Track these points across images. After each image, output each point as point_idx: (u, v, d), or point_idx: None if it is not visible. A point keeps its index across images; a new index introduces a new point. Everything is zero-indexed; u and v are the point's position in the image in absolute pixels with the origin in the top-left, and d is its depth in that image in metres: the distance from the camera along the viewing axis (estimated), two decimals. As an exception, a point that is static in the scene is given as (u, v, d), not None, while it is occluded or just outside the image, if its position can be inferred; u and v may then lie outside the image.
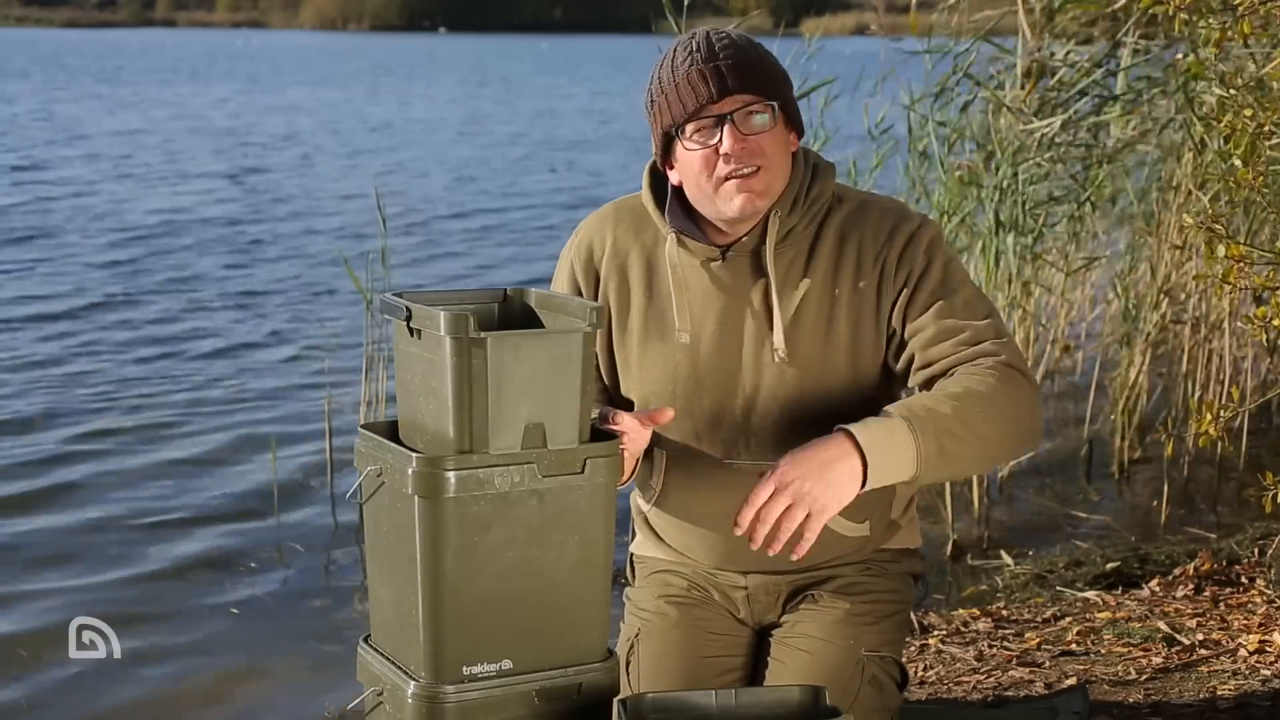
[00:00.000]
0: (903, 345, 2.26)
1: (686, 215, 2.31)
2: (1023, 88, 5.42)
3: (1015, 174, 5.18)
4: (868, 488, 2.08)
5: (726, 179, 2.21)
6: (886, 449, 2.07)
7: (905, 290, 2.25)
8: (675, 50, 2.24)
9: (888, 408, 2.13)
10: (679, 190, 2.31)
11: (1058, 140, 5.47)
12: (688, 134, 2.22)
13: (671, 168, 2.29)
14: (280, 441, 6.01)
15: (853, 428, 2.08)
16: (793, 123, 2.27)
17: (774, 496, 2.04)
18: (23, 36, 69.63)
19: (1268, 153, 2.94)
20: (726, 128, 2.19)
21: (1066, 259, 5.99)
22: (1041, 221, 5.38)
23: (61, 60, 42.74)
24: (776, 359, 2.27)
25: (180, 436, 6.26)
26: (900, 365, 2.27)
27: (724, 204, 2.23)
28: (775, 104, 2.21)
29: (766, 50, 2.26)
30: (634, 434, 2.22)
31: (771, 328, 2.27)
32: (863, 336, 2.27)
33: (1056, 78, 5.46)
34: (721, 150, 2.20)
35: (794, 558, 2.07)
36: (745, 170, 2.20)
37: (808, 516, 2.04)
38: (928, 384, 2.23)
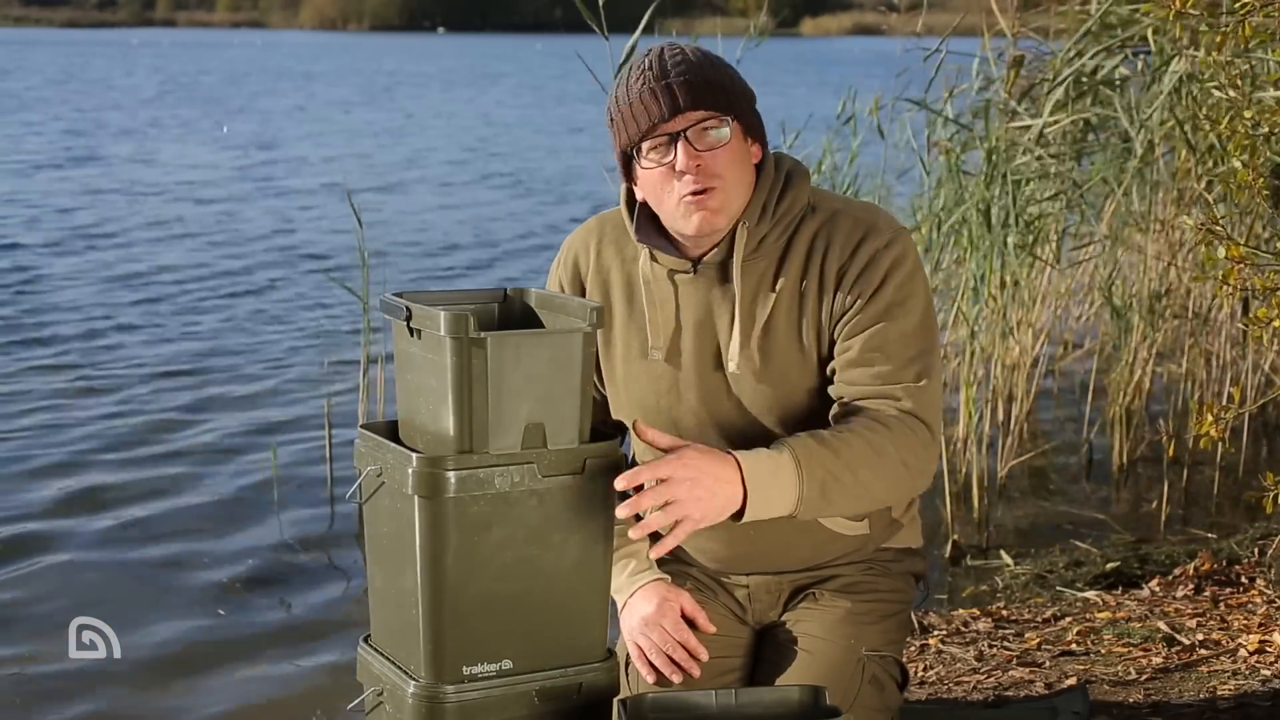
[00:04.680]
0: (832, 356, 2.27)
1: (658, 229, 2.31)
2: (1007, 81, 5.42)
3: (1005, 173, 5.16)
4: (742, 520, 2.10)
5: (683, 197, 2.21)
6: (769, 487, 2.09)
7: (854, 305, 2.24)
8: (631, 69, 2.25)
9: (787, 440, 2.14)
10: (648, 205, 2.31)
11: (1048, 136, 5.46)
12: (644, 152, 2.22)
13: (636, 184, 2.30)
14: (280, 442, 6.02)
15: (744, 462, 2.08)
16: (753, 134, 2.26)
17: (661, 487, 2.04)
18: (23, 36, 69.59)
19: (1267, 154, 2.95)
20: (680, 145, 2.19)
21: (1057, 256, 5.98)
22: (1036, 217, 5.36)
23: (130, 65, 42.13)
24: (730, 369, 2.27)
25: (180, 437, 6.26)
26: (827, 373, 2.28)
27: (681, 221, 2.24)
28: (730, 118, 2.21)
29: (724, 64, 2.26)
30: None
31: (746, 338, 2.28)
32: (824, 342, 2.27)
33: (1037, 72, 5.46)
34: (676, 167, 2.20)
35: (651, 555, 2.12)
36: (699, 189, 2.20)
37: (676, 522, 2.05)
38: (836, 403, 2.25)
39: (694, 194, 2.20)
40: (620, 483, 2.04)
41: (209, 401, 6.88)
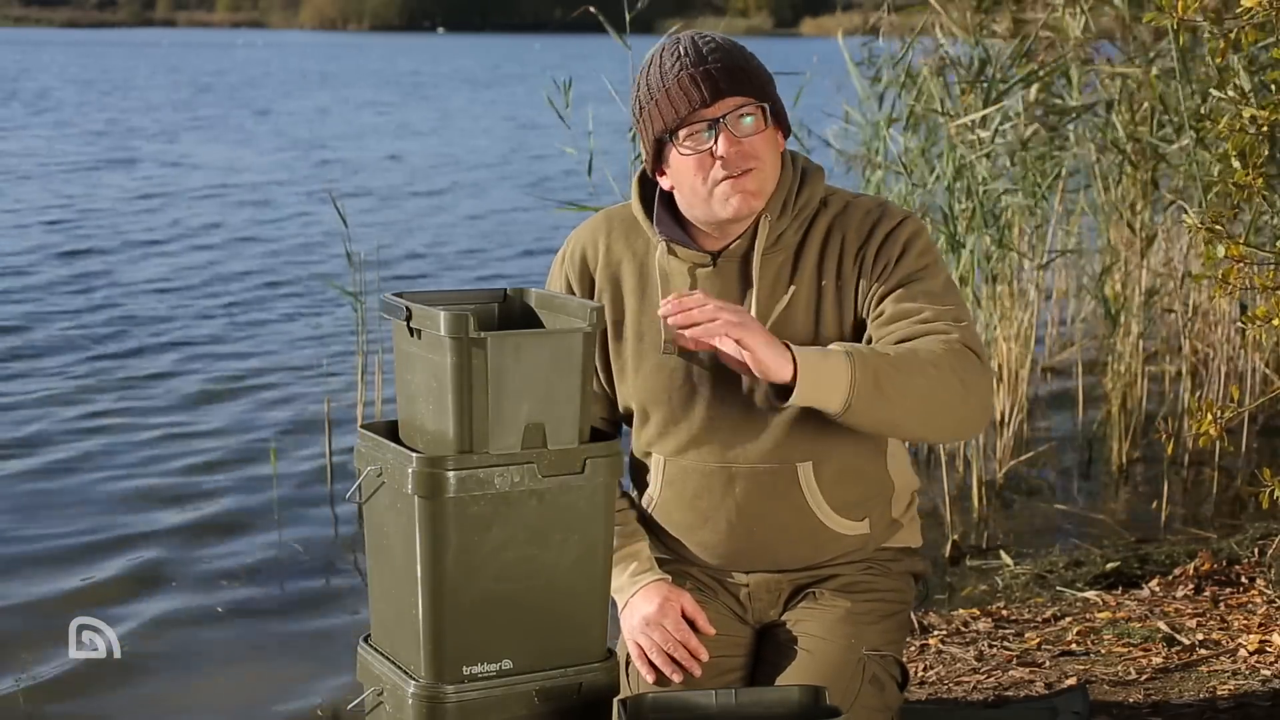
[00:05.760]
0: (865, 327, 2.27)
1: (675, 223, 2.32)
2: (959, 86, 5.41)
3: (960, 170, 5.12)
4: (794, 400, 2.09)
5: (721, 181, 2.22)
6: (819, 368, 2.09)
7: (879, 280, 2.26)
8: (661, 56, 2.25)
9: (833, 345, 2.16)
10: (667, 198, 2.32)
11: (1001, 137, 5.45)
12: (680, 139, 2.23)
13: (663, 174, 2.30)
14: (280, 441, 6.02)
15: (791, 344, 2.11)
16: (780, 123, 2.28)
17: (726, 311, 2.07)
18: (24, 36, 69.60)
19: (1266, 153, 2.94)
20: (721, 131, 2.20)
21: (1032, 250, 5.96)
22: (1001, 219, 5.34)
23: (139, 65, 41.74)
24: None
25: (180, 438, 6.26)
26: (863, 342, 2.27)
27: (719, 206, 2.24)
28: (765, 105, 2.23)
29: (751, 52, 2.28)
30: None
31: None
32: (848, 334, 2.28)
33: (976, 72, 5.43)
34: (716, 154, 2.21)
35: (689, 345, 2.11)
36: (738, 172, 2.21)
37: (738, 342, 2.07)
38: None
39: (733, 177, 2.21)
40: (667, 306, 2.07)
41: (209, 401, 6.87)
